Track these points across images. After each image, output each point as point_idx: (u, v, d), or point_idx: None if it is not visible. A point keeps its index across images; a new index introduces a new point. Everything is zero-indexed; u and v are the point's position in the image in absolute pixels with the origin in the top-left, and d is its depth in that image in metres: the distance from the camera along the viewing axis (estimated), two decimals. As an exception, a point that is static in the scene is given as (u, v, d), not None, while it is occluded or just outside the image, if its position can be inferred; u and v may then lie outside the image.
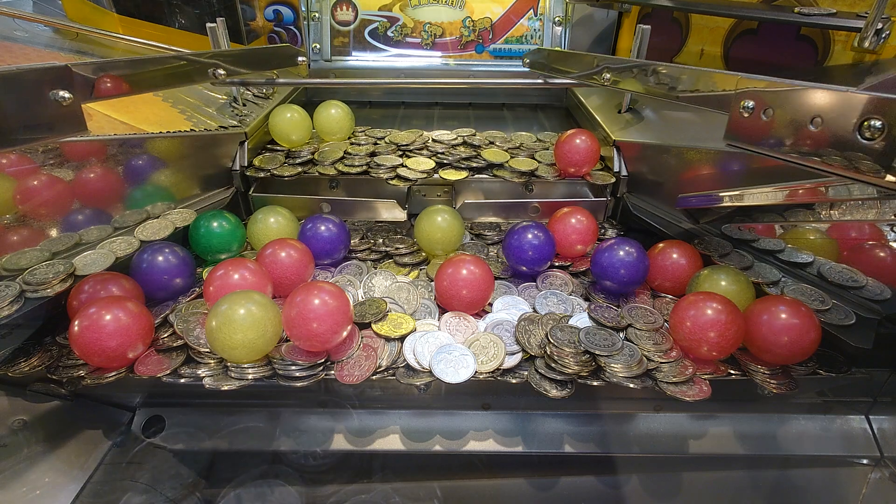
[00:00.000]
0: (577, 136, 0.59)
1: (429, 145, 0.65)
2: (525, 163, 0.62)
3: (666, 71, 0.47)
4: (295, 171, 0.61)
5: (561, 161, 0.60)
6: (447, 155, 0.63)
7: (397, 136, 0.66)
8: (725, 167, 0.49)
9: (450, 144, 0.65)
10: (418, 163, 0.61)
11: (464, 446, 0.44)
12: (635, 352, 0.41)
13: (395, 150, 0.64)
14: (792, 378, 0.41)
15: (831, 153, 0.31)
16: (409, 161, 0.62)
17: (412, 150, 0.64)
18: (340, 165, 0.61)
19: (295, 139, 0.64)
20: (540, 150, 0.65)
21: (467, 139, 0.66)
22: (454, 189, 0.64)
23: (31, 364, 0.41)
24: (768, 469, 0.44)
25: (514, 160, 0.62)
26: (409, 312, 0.46)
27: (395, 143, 0.65)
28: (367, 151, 0.63)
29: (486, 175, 0.62)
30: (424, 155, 0.63)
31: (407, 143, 0.65)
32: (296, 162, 0.62)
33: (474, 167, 0.62)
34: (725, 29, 0.63)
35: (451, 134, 0.67)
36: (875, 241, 0.46)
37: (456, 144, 0.65)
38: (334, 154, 0.63)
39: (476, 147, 0.65)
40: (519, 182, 0.61)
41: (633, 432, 0.46)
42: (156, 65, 0.46)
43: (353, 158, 0.62)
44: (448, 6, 0.82)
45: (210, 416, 0.46)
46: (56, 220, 0.48)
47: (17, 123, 0.33)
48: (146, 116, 0.58)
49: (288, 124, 0.63)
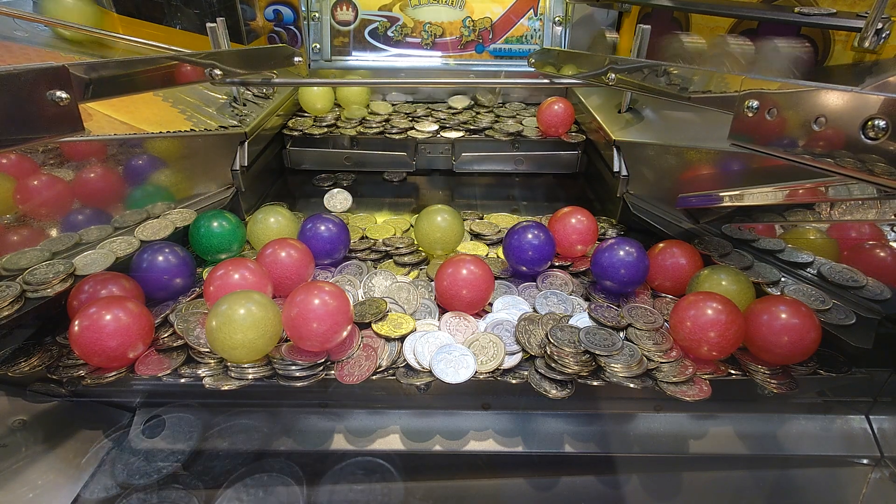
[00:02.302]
0: (555, 103, 0.73)
1: (433, 113, 0.80)
2: (512, 126, 0.75)
3: (674, 71, 0.47)
4: (322, 130, 0.75)
5: (543, 123, 0.74)
6: (448, 120, 0.77)
7: (404, 107, 0.82)
8: (725, 167, 0.49)
9: (450, 113, 0.80)
10: (425, 125, 0.75)
11: (464, 446, 0.44)
12: (635, 352, 0.41)
13: (405, 117, 0.78)
14: (792, 378, 0.41)
15: (835, 153, 0.31)
16: (417, 125, 0.76)
17: (419, 116, 0.79)
18: (360, 127, 0.75)
19: (320, 107, 0.78)
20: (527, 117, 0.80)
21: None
22: (454, 147, 0.76)
23: (32, 364, 0.41)
24: (768, 469, 0.44)
25: (503, 123, 0.76)
26: (409, 312, 0.46)
27: (405, 112, 0.80)
28: (382, 118, 0.77)
29: (479, 136, 0.75)
30: (430, 120, 0.77)
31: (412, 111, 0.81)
32: (322, 124, 0.76)
33: (471, 129, 0.75)
34: (725, 29, 0.63)
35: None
36: (875, 241, 0.46)
37: (455, 113, 0.80)
38: (355, 117, 0.77)
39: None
40: (506, 140, 0.74)
41: (633, 432, 0.46)
42: (153, 65, 0.46)
43: (370, 123, 0.75)
44: (448, 6, 0.81)
45: (210, 416, 0.46)
46: (56, 219, 0.48)
47: (14, 123, 0.33)
48: (146, 116, 0.58)
49: (315, 95, 0.77)
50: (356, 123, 0.76)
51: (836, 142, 0.31)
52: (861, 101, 0.29)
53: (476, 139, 0.75)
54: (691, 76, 0.45)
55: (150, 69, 0.46)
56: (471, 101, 0.83)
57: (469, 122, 0.76)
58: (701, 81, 0.44)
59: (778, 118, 0.34)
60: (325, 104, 0.78)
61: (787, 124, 0.34)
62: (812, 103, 0.32)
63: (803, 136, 0.33)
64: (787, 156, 0.34)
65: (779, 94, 0.34)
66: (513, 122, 0.77)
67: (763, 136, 0.36)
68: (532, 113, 0.80)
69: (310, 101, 0.77)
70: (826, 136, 0.31)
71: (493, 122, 0.76)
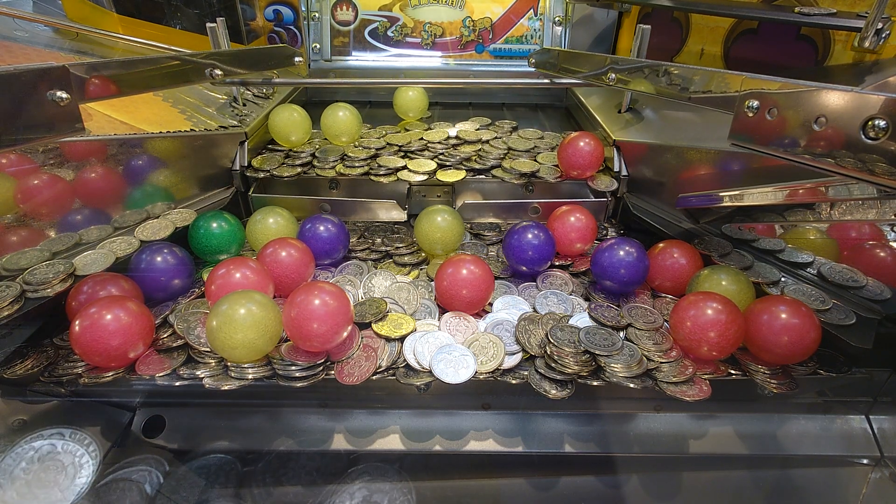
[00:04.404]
0: (580, 139, 0.59)
1: (429, 146, 0.66)
2: (526, 164, 0.62)
3: (675, 71, 0.47)
4: (294, 171, 0.61)
5: (564, 163, 0.60)
6: (447, 157, 0.63)
7: (394, 138, 0.67)
8: (725, 167, 0.49)
9: (450, 145, 0.66)
10: (420, 164, 0.62)
11: (464, 446, 0.44)
12: (635, 352, 0.41)
13: (396, 151, 0.64)
14: (792, 378, 0.41)
15: (835, 153, 0.31)
16: (411, 163, 0.62)
17: (413, 151, 0.65)
18: (340, 167, 0.61)
19: (294, 140, 0.63)
20: (544, 151, 0.65)
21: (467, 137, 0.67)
22: (454, 189, 0.64)
23: (25, 367, 0.41)
24: (768, 469, 0.44)
25: (515, 161, 0.62)
26: (409, 312, 0.46)
27: (395, 143, 0.65)
28: (368, 155, 0.63)
29: (485, 176, 0.62)
30: (425, 156, 0.64)
31: (405, 144, 0.65)
32: (295, 163, 0.62)
33: (476, 168, 0.62)
34: (725, 29, 0.63)
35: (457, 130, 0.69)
36: (875, 241, 0.46)
37: (457, 145, 0.66)
38: (334, 155, 0.63)
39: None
40: (518, 183, 0.61)
41: (633, 432, 0.46)
42: (153, 65, 0.46)
43: (353, 160, 0.62)
44: (448, 6, 0.81)
45: (210, 416, 0.46)
46: (56, 219, 0.48)
47: (14, 124, 0.33)
48: (146, 116, 0.58)
49: (288, 124, 0.62)
50: (336, 161, 0.62)
51: (837, 142, 0.31)
52: (861, 101, 0.29)
53: (481, 180, 0.62)
54: (691, 76, 0.45)
55: (150, 69, 0.46)
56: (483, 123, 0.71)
57: (474, 159, 0.63)
58: (701, 81, 0.44)
59: (778, 118, 0.34)
60: (300, 135, 0.63)
61: (787, 124, 0.34)
62: (812, 103, 0.32)
63: (803, 136, 0.33)
64: (787, 156, 0.34)
65: (779, 94, 0.34)
66: (527, 157, 0.63)
67: (763, 136, 0.36)
68: (551, 144, 0.67)
69: (282, 130, 0.62)
70: (826, 135, 0.31)
71: (500, 158, 0.63)
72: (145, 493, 0.40)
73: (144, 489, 0.40)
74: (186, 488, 0.40)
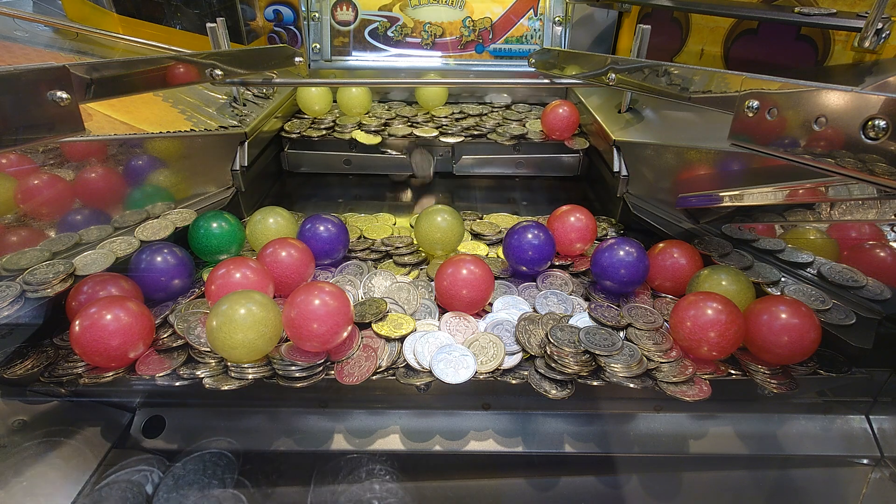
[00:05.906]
0: (560, 107, 0.72)
1: (434, 118, 0.79)
2: (516, 129, 0.74)
3: (675, 71, 0.47)
4: (320, 132, 0.75)
5: (547, 126, 0.73)
6: (450, 126, 0.76)
7: (405, 109, 0.82)
8: (725, 167, 0.49)
9: (453, 119, 0.79)
10: (424, 130, 0.75)
11: (464, 446, 0.44)
12: (635, 352, 0.41)
13: (405, 122, 0.78)
14: (792, 378, 0.41)
15: (835, 153, 0.31)
16: (417, 130, 0.75)
17: (419, 121, 0.78)
18: (359, 132, 0.75)
19: (318, 109, 0.78)
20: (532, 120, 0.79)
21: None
22: (454, 150, 0.76)
23: (25, 367, 0.41)
24: (768, 469, 0.44)
25: (508, 127, 0.75)
26: (409, 312, 0.46)
27: (404, 115, 0.80)
28: (381, 123, 0.77)
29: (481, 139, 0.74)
30: (431, 126, 0.76)
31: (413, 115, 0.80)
32: (320, 126, 0.77)
33: (474, 134, 0.75)
34: (725, 29, 0.63)
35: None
36: (875, 241, 0.46)
37: (459, 119, 0.79)
38: (353, 121, 0.77)
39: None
40: (509, 144, 0.74)
41: (633, 432, 0.46)
42: (153, 65, 0.46)
43: (369, 127, 0.75)
44: (448, 6, 0.81)
45: (210, 417, 0.46)
46: (56, 220, 0.48)
47: (14, 124, 0.33)
48: (146, 116, 0.58)
49: (313, 96, 0.77)
50: (355, 126, 0.76)
51: (837, 142, 0.31)
52: (861, 101, 0.29)
53: (477, 142, 0.75)
54: (691, 76, 0.45)
55: (150, 69, 0.46)
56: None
57: (472, 129, 0.75)
58: (701, 81, 0.44)
59: (778, 118, 0.34)
60: (323, 106, 0.78)
61: (787, 124, 0.34)
62: (812, 103, 0.32)
63: (803, 136, 0.33)
64: (787, 156, 0.34)
65: (779, 94, 0.34)
66: (517, 124, 0.76)
67: (763, 136, 0.36)
68: (537, 115, 0.80)
69: (308, 102, 0.78)
70: (826, 136, 0.31)
71: (496, 126, 0.76)
72: (145, 493, 0.39)
73: (144, 489, 0.40)
74: (186, 488, 0.40)
